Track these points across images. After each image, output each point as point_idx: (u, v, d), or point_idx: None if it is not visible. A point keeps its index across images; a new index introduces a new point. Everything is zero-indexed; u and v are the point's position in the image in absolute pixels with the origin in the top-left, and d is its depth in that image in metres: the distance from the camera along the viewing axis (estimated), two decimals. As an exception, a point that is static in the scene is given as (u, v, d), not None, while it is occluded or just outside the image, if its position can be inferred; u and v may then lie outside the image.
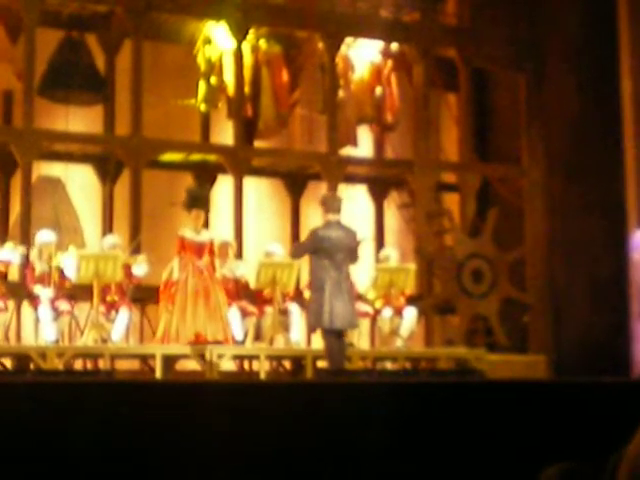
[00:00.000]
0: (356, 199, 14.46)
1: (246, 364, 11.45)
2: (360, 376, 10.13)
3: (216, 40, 13.47)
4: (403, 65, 14.44)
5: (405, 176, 14.26)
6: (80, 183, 13.52)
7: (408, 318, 11.59)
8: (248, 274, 11.32)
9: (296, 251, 9.90)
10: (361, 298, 11.33)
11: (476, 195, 14.49)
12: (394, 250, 12.30)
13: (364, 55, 14.24)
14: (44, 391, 4.41)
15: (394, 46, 14.32)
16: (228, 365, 10.99)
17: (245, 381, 9.78)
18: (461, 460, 4.68)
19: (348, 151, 14.02)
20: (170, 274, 10.60)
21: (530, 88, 14.29)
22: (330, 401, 4.72)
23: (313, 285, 9.24)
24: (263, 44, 13.79)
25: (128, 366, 11.51)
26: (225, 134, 13.71)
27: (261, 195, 14.37)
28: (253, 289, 11.32)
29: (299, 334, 11.42)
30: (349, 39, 13.89)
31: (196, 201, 10.73)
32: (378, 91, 14.33)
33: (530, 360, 12.50)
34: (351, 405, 4.67)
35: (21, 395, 4.29)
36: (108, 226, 13.26)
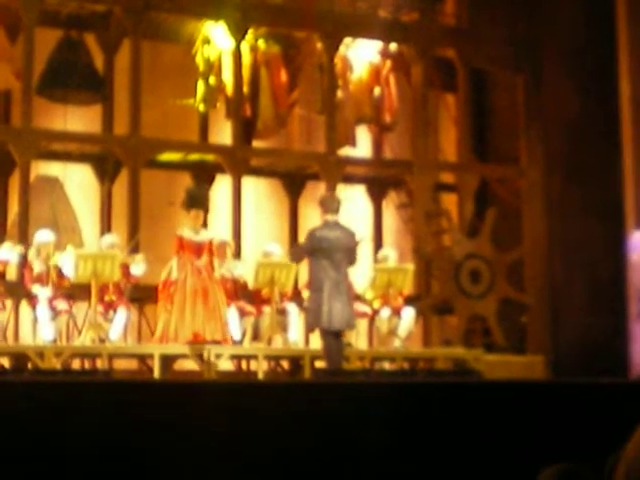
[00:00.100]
0: (354, 199, 14.43)
1: (244, 364, 11.43)
2: (358, 376, 10.12)
3: (215, 40, 13.46)
4: (402, 65, 14.43)
5: (403, 176, 14.27)
6: (78, 183, 13.50)
7: (406, 318, 11.57)
8: (246, 274, 11.30)
9: (296, 255, 9.88)
10: (359, 298, 11.32)
11: (474, 195, 14.48)
12: (392, 250, 12.28)
13: (363, 55, 14.23)
14: (42, 390, 4.41)
15: (393, 46, 14.32)
16: (226, 365, 10.97)
17: (243, 381, 9.78)
18: (459, 460, 4.68)
19: (347, 151, 14.02)
20: (169, 274, 10.59)
21: (529, 88, 14.29)
22: (328, 401, 4.72)
23: (312, 285, 9.22)
24: (262, 44, 13.78)
25: (126, 366, 11.51)
26: (223, 134, 13.70)
27: (259, 195, 14.36)
28: (251, 289, 11.31)
29: (297, 334, 11.42)
30: (348, 39, 13.89)
31: (195, 201, 10.71)
32: (377, 91, 14.32)
33: (528, 361, 12.48)
34: (349, 405, 4.67)
35: (19, 394, 4.29)
36: (106, 226, 13.25)
